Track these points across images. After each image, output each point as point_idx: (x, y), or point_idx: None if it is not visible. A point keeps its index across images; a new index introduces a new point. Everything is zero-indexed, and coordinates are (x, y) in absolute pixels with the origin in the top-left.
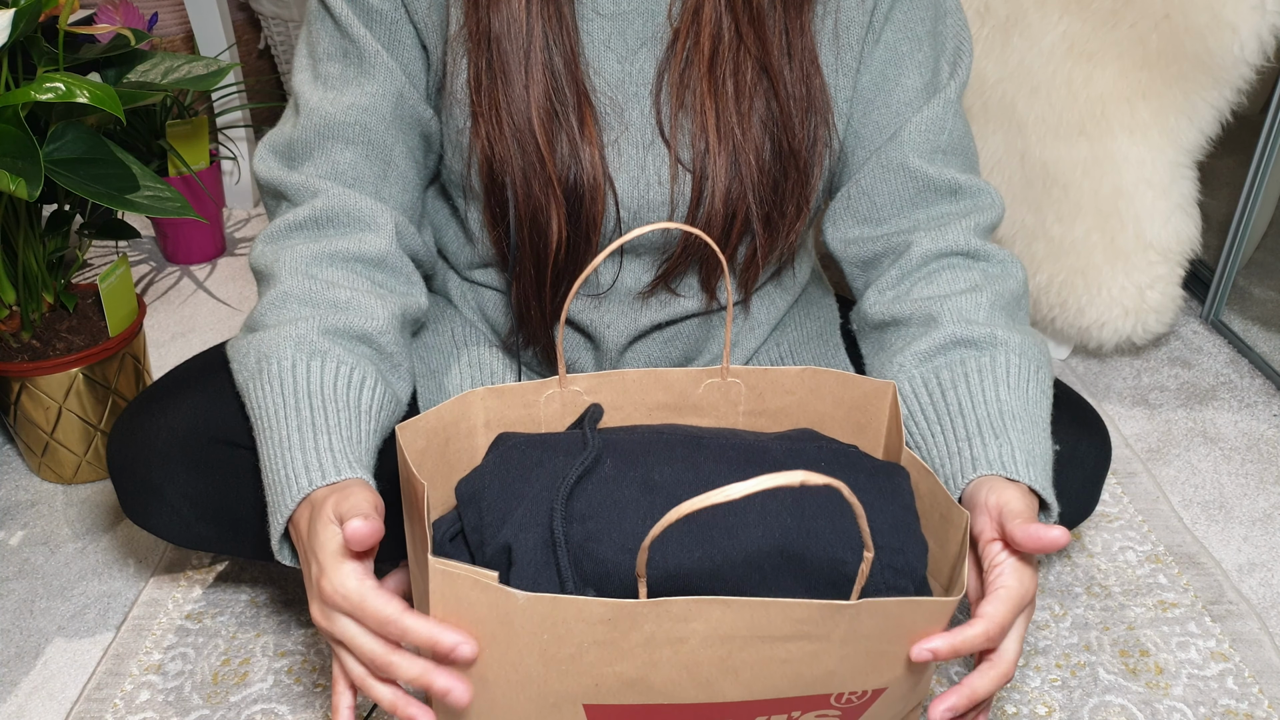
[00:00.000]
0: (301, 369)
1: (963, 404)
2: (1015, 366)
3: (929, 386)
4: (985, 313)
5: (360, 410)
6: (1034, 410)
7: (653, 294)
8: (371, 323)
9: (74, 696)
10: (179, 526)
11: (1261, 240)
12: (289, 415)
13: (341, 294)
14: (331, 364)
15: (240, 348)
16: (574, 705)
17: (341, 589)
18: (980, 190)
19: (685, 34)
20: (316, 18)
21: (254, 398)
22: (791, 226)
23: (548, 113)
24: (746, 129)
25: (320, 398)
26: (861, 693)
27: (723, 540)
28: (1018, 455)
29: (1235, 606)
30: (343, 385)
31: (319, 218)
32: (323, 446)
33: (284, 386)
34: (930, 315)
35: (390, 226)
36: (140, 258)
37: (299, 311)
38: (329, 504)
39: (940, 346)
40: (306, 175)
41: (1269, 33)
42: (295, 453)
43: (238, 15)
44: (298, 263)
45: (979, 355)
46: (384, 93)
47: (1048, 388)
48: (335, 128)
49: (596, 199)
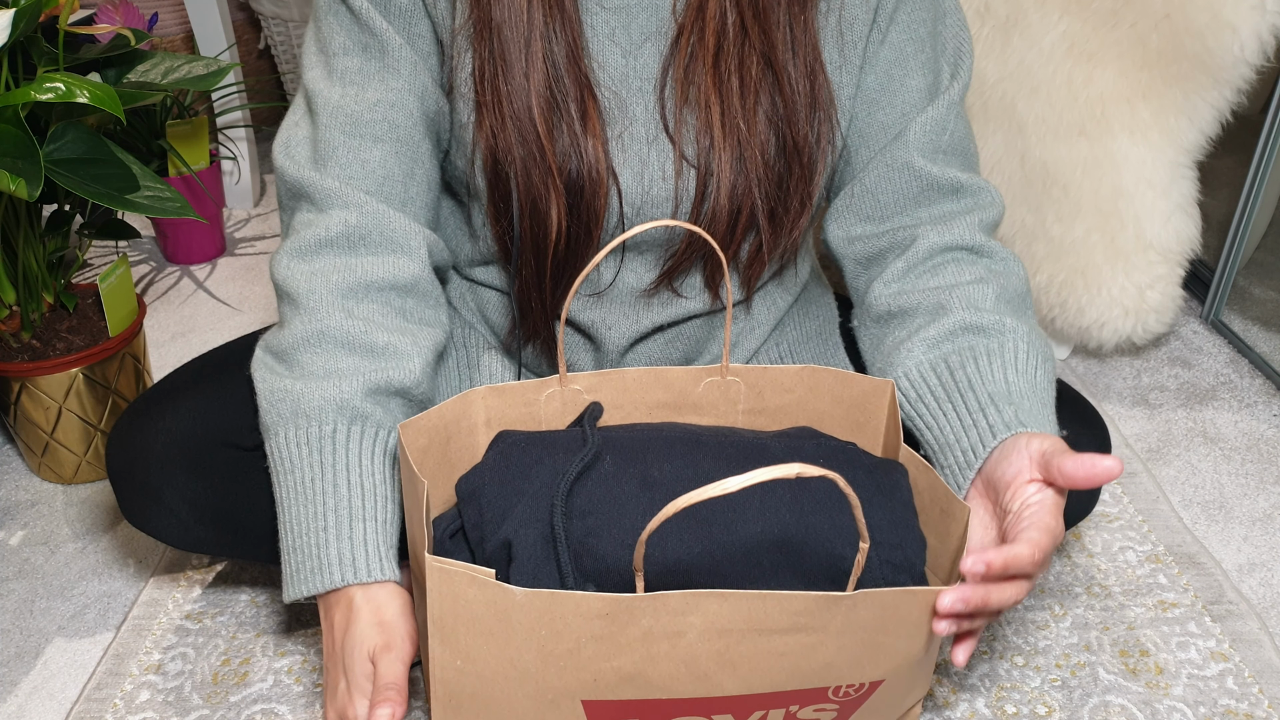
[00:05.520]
0: (342, 437)
1: (972, 380)
2: (1024, 353)
3: (938, 370)
4: (992, 302)
5: (393, 485)
6: (1041, 394)
7: (655, 293)
8: (409, 376)
9: (74, 696)
10: (178, 529)
11: (1261, 240)
12: (325, 491)
13: (379, 337)
14: (371, 430)
15: (272, 388)
16: (572, 701)
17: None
18: (981, 189)
19: (690, 28)
20: (329, 11)
21: (284, 448)
22: (795, 222)
23: (548, 102)
24: (751, 124)
25: (359, 472)
26: (859, 685)
27: (721, 535)
28: (1034, 420)
29: (1235, 606)
30: (379, 454)
31: (350, 236)
32: (358, 538)
33: (323, 454)
34: (939, 304)
35: (422, 248)
36: (140, 258)
37: (339, 361)
38: (370, 642)
39: (949, 332)
40: (334, 178)
41: (1269, 33)
42: (330, 536)
43: (238, 15)
44: (333, 295)
45: (988, 340)
46: (410, 88)
47: (1053, 379)
48: (362, 125)
49: (599, 193)
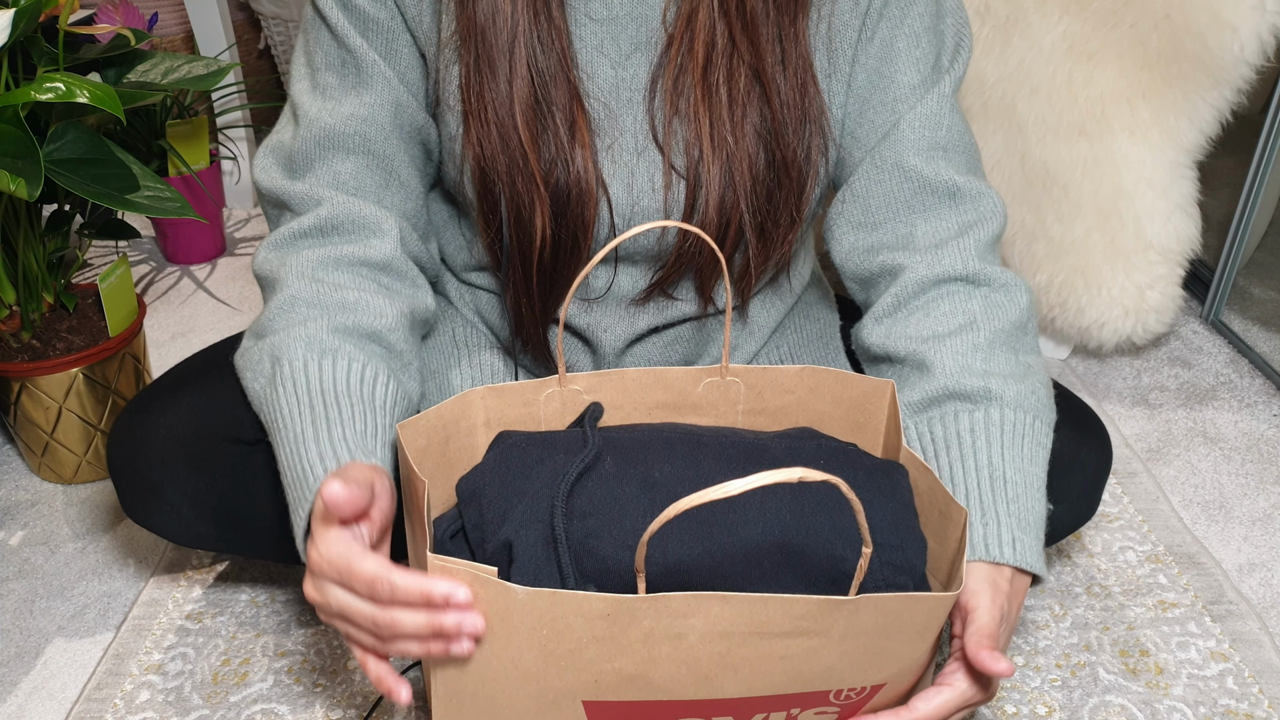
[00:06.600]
0: (314, 368)
1: (954, 470)
2: (1010, 423)
3: (922, 443)
4: (983, 356)
5: (374, 405)
6: (1028, 469)
7: (648, 300)
8: (380, 321)
9: (74, 696)
10: (179, 525)
11: (1261, 240)
12: (303, 413)
13: (349, 295)
14: (343, 361)
15: (251, 355)
16: (573, 701)
17: (327, 554)
18: (980, 195)
19: (679, 40)
20: (313, 27)
21: (269, 402)
22: (785, 236)
23: (532, 109)
24: (740, 137)
25: (334, 394)
26: (860, 689)
27: (723, 537)
28: (1003, 535)
29: (1235, 606)
30: (355, 381)
31: (324, 225)
32: (336, 438)
33: (297, 386)
34: (923, 361)
35: (395, 232)
36: (140, 258)
37: (308, 314)
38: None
39: (933, 398)
40: (309, 185)
41: (1269, 33)
42: (310, 446)
43: (238, 15)
44: (304, 268)
45: (973, 411)
46: (381, 103)
47: (1045, 439)
48: (335, 138)
49: (588, 203)
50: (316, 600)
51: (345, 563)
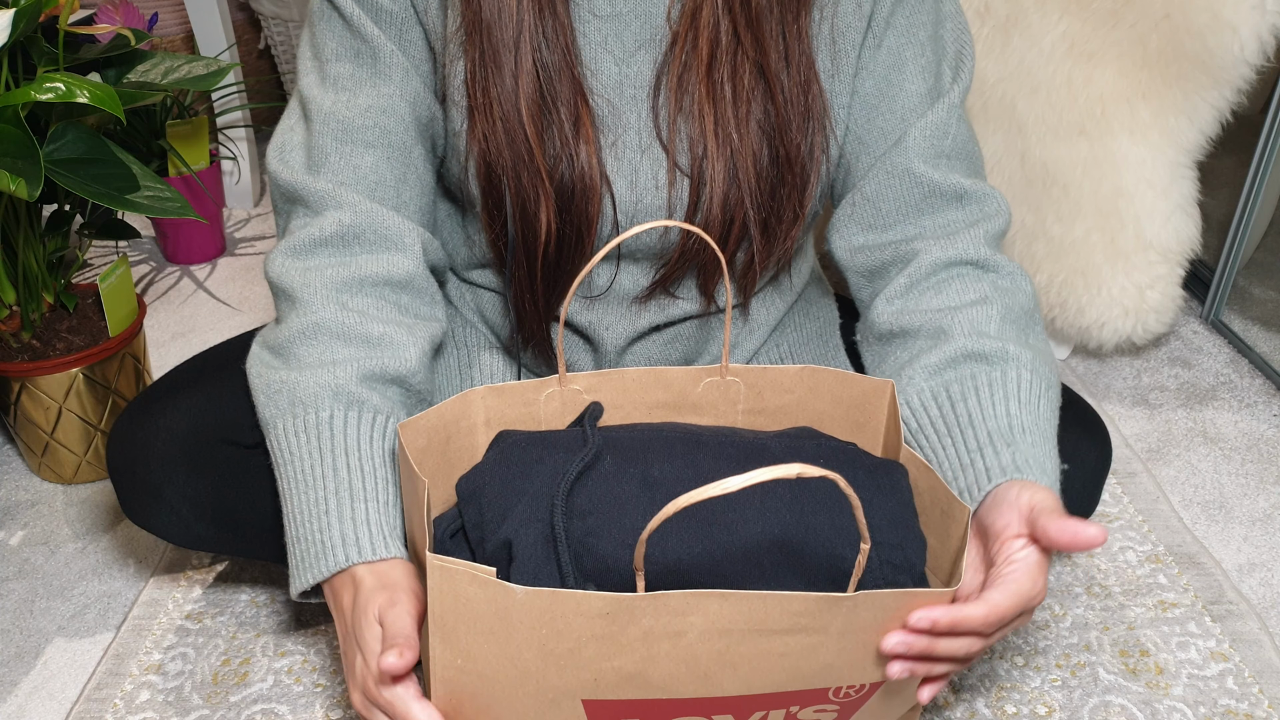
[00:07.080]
0: (339, 422)
1: (973, 415)
2: (1027, 382)
3: (939, 400)
4: (996, 325)
5: (393, 469)
6: (1044, 426)
7: (650, 298)
8: (404, 365)
9: (74, 696)
10: (179, 527)
11: (1261, 240)
12: (325, 475)
13: (374, 329)
14: (368, 415)
15: (269, 381)
16: (573, 700)
17: (387, 693)
18: (986, 196)
19: (684, 37)
20: (322, 18)
21: (283, 439)
22: (788, 232)
23: (538, 104)
24: (744, 134)
25: (357, 455)
26: (859, 686)
27: (722, 535)
28: (1031, 464)
29: (1235, 606)
30: (378, 438)
31: (345, 234)
32: (360, 518)
33: (321, 440)
34: (940, 328)
35: (417, 245)
36: (140, 258)
37: (334, 351)
38: (375, 603)
39: (951, 360)
40: (327, 181)
41: (1269, 33)
42: (332, 519)
43: (238, 15)
44: (327, 289)
45: (990, 369)
46: (401, 93)
47: (1056, 407)
48: (354, 131)
49: (591, 199)
50: (363, 715)
51: (404, 708)
